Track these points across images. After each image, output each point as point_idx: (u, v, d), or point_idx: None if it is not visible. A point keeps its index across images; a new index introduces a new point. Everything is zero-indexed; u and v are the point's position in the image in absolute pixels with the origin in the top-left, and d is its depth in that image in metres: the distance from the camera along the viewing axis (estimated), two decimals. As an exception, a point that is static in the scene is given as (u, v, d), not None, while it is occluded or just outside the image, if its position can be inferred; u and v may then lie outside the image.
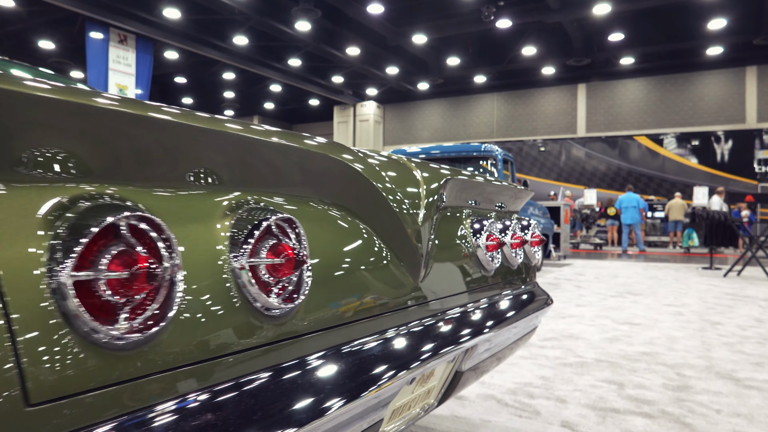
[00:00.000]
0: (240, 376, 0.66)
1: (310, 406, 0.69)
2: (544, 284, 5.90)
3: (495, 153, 6.29)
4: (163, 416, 0.56)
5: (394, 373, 0.85)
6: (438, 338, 1.03)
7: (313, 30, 18.18)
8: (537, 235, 1.70)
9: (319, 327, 0.78)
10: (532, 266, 1.74)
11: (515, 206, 1.73)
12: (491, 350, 1.31)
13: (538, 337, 3.15)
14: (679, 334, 3.32)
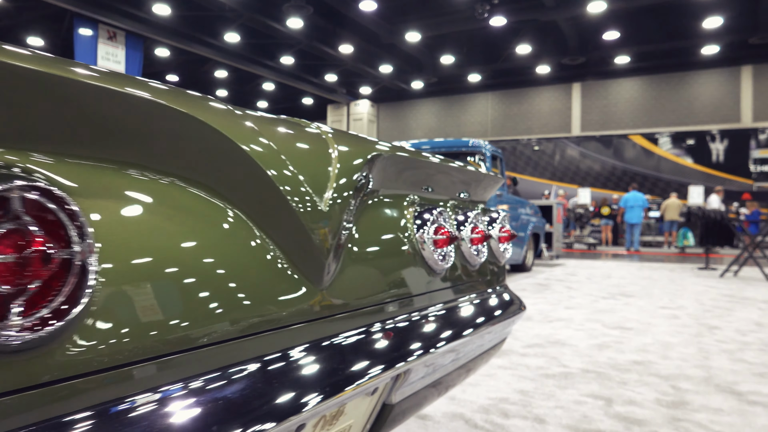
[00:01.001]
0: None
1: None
2: (533, 285, 5.65)
3: (483, 148, 6.04)
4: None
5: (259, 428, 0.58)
6: (346, 364, 0.77)
7: (306, 27, 17.93)
8: (506, 229, 1.44)
9: (117, 362, 0.51)
10: (500, 266, 1.48)
11: (482, 195, 1.47)
12: (436, 374, 1.04)
13: (520, 344, 2.89)
14: (674, 339, 3.07)
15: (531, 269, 7.39)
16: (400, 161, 1.03)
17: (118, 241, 0.54)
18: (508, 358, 2.60)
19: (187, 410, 0.55)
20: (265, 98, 27.85)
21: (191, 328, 0.59)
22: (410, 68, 22.27)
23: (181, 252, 0.60)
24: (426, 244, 1.06)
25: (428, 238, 1.06)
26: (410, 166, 1.08)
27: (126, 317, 0.52)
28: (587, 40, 18.52)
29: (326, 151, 0.84)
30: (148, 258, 0.56)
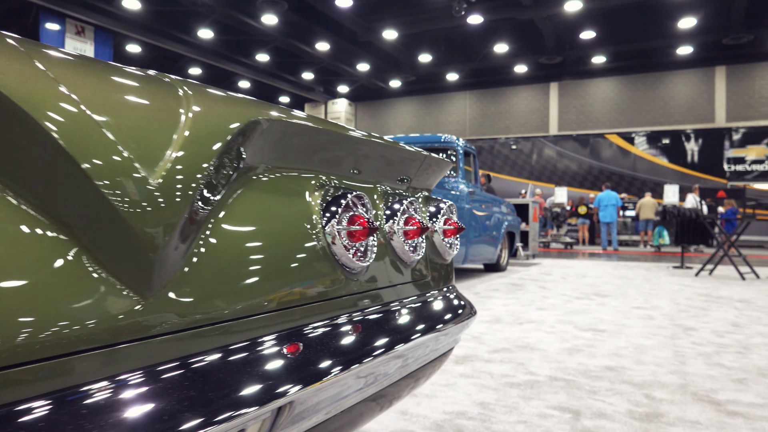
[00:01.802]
0: None
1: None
2: (507, 285, 5.48)
3: (455, 144, 5.85)
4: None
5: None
6: (186, 402, 0.54)
7: (281, 24, 17.64)
8: (453, 222, 1.23)
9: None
10: (445, 265, 1.26)
11: (425, 181, 1.25)
12: (344, 403, 0.82)
13: (486, 349, 2.69)
14: (648, 342, 2.90)
15: (506, 269, 7.24)
16: (299, 132, 0.81)
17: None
18: (471, 365, 2.39)
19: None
20: (241, 96, 27.39)
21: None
22: (388, 67, 22.10)
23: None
24: (338, 237, 0.84)
25: (340, 230, 0.84)
26: (316, 140, 0.86)
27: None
28: (564, 39, 18.56)
29: (174, 111, 0.61)
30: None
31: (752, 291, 5.30)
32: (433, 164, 1.23)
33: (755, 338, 3.04)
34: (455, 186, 5.67)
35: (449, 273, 1.28)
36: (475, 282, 5.81)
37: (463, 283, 5.70)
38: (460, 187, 5.67)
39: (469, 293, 4.84)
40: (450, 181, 5.71)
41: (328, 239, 0.83)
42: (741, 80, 18.33)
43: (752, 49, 17.52)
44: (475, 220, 5.83)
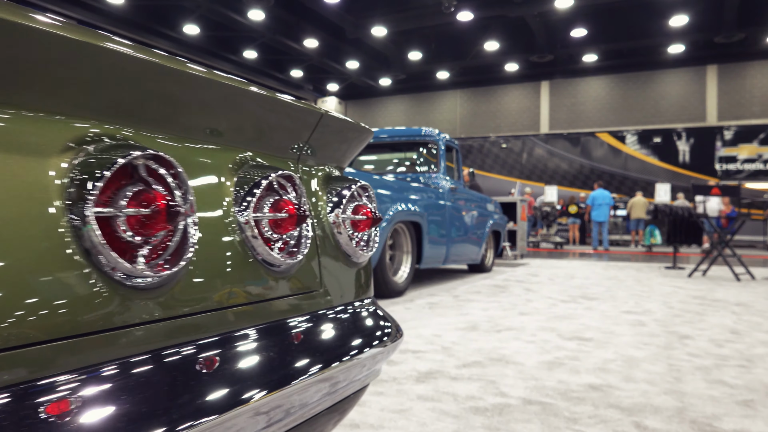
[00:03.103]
0: None
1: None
2: (490, 287, 5.15)
3: (436, 138, 5.51)
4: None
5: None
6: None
7: (268, 20, 17.29)
8: (365, 209, 0.89)
9: None
10: (353, 270, 0.92)
11: (330, 153, 0.91)
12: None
13: (455, 363, 2.35)
14: (639, 353, 2.57)
15: (491, 270, 6.92)
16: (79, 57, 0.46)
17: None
18: (434, 383, 2.05)
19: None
20: (229, 94, 27.03)
21: None
22: (378, 64, 21.78)
23: None
24: (115, 227, 0.50)
25: (110, 215, 0.50)
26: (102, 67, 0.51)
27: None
28: (555, 37, 18.30)
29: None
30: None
31: (749, 293, 5.01)
32: (336, 128, 0.88)
33: (758, 348, 2.73)
34: (436, 182, 5.34)
35: (363, 282, 0.93)
36: (457, 284, 5.48)
37: (442, 285, 5.37)
38: (441, 183, 5.34)
39: (447, 296, 4.50)
40: (430, 176, 5.38)
41: (86, 233, 0.49)
42: (732, 79, 18.16)
43: (744, 48, 17.35)
44: (457, 218, 5.50)
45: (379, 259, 4.08)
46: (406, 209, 4.35)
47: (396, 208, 4.20)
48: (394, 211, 4.17)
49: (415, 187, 4.69)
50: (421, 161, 5.71)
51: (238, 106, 0.71)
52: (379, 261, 4.09)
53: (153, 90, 0.58)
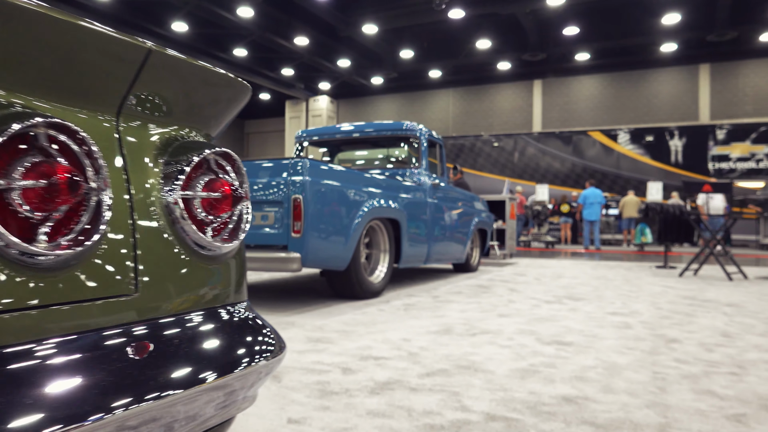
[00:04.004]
0: None
1: None
2: (472, 287, 4.93)
3: (417, 132, 5.29)
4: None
5: None
6: None
7: (258, 17, 17.06)
8: (225, 186, 0.66)
9: None
10: (205, 266, 0.69)
11: (188, 115, 0.68)
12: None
13: (418, 371, 2.13)
14: (622, 360, 2.36)
15: (477, 269, 6.71)
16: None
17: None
18: (390, 395, 1.83)
19: None
20: (220, 93, 26.78)
21: None
22: (369, 63, 21.57)
23: None
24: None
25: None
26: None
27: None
28: (547, 35, 18.16)
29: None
30: None
31: (741, 293, 4.82)
32: (181, 75, 0.65)
33: (750, 353, 2.52)
34: (417, 178, 5.12)
35: (226, 282, 0.70)
36: (439, 284, 5.26)
37: (423, 285, 5.15)
38: (423, 180, 5.12)
39: (426, 297, 4.28)
40: (412, 172, 5.16)
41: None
42: (725, 78, 18.06)
43: (736, 47, 17.25)
44: (440, 216, 5.28)
45: (352, 258, 3.86)
46: (382, 205, 4.13)
47: (371, 204, 3.98)
48: (369, 207, 3.95)
49: (393, 182, 4.47)
50: (402, 157, 5.49)
51: (16, 32, 0.49)
52: (353, 260, 3.87)
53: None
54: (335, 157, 6.16)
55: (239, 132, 31.15)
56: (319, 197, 3.44)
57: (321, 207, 3.45)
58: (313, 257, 3.43)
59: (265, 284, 5.14)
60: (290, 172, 3.37)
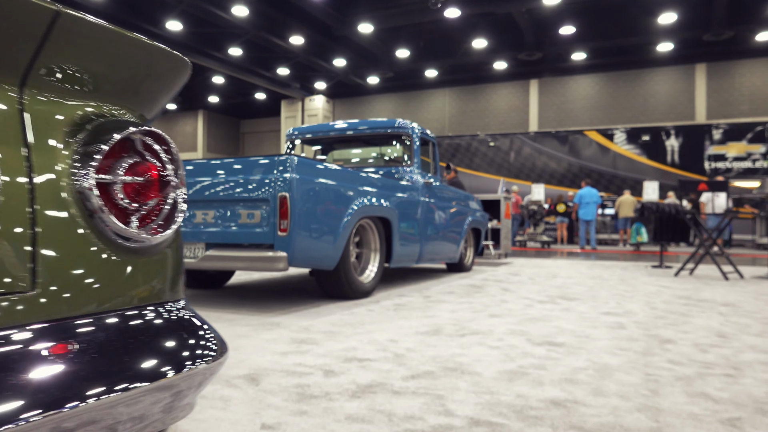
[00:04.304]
0: None
1: None
2: (465, 287, 4.86)
3: (410, 130, 5.22)
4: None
5: None
6: None
7: (252, 16, 16.98)
8: (149, 168, 0.58)
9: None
10: (139, 252, 0.62)
11: (114, 89, 0.61)
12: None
13: (403, 373, 2.06)
14: (614, 361, 2.29)
15: (470, 269, 6.64)
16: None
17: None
18: (371, 399, 1.75)
19: None
20: (215, 92, 26.68)
21: None
22: (365, 62, 21.50)
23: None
24: None
25: None
26: None
27: None
28: (543, 35, 18.12)
29: None
30: None
31: (737, 293, 4.76)
32: (94, 39, 0.57)
33: (746, 353, 2.46)
34: (410, 176, 5.05)
35: (154, 279, 0.63)
36: (431, 283, 5.19)
37: (415, 285, 5.07)
38: (415, 178, 5.04)
39: (418, 297, 4.21)
40: (404, 170, 5.09)
41: None
42: (721, 78, 18.04)
43: (732, 47, 17.23)
44: (433, 215, 5.21)
45: (341, 258, 3.78)
46: (373, 204, 4.06)
47: (361, 202, 3.90)
48: (359, 206, 3.87)
49: (384, 180, 4.39)
50: (394, 155, 5.42)
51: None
52: (342, 259, 3.79)
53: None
54: (327, 155, 6.08)
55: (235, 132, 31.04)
56: (306, 195, 3.36)
57: (308, 205, 3.38)
58: (300, 256, 3.36)
59: (254, 284, 5.06)
60: (277, 169, 3.29)
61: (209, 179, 3.49)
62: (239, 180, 3.39)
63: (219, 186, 3.46)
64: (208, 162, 3.55)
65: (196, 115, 29.59)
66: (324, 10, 16.85)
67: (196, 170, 3.56)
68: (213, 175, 3.49)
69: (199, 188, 3.51)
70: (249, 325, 3.00)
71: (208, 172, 3.51)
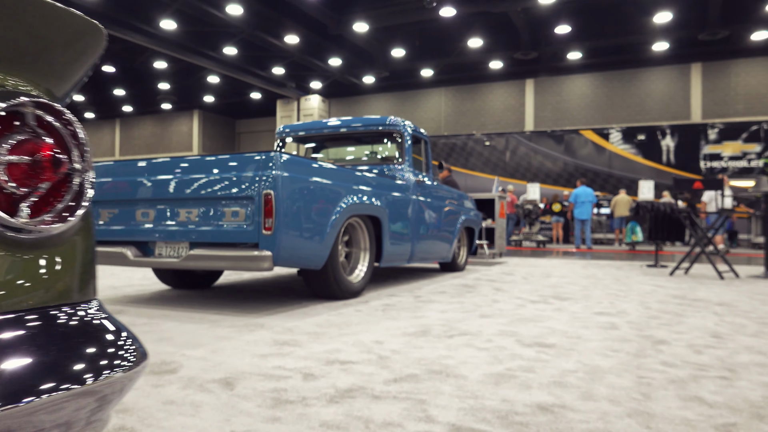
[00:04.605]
0: None
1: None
2: (457, 287, 4.78)
3: (401, 127, 5.14)
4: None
5: None
6: None
7: (247, 15, 16.87)
8: (44, 148, 0.50)
9: None
10: (29, 245, 0.53)
11: (30, 67, 0.52)
12: None
13: (385, 376, 1.97)
14: (606, 363, 2.21)
15: (464, 268, 6.56)
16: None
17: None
18: (349, 404, 1.67)
19: None
20: (211, 92, 26.57)
21: None
22: (361, 62, 21.42)
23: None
24: None
25: None
26: None
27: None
28: (539, 34, 18.07)
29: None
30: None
31: (732, 292, 4.69)
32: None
33: (741, 355, 2.38)
34: (401, 174, 4.96)
35: (55, 272, 0.54)
36: (423, 283, 5.11)
37: (406, 284, 4.99)
38: (406, 176, 4.96)
39: (408, 297, 4.13)
40: (395, 168, 5.01)
41: None
42: (717, 77, 18.03)
43: (728, 46, 17.22)
44: (425, 213, 5.13)
45: (329, 257, 3.70)
46: (362, 202, 3.97)
47: (350, 201, 3.82)
48: (348, 204, 3.79)
49: (374, 178, 4.31)
50: (385, 152, 5.33)
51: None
52: (330, 258, 3.71)
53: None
54: (319, 153, 6.00)
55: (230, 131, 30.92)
56: (292, 192, 3.27)
57: (294, 203, 3.29)
58: (286, 256, 3.27)
59: (243, 284, 4.97)
60: (262, 166, 3.21)
61: (193, 176, 3.41)
62: (224, 177, 3.30)
63: (203, 183, 3.37)
64: (192, 159, 3.46)
65: (192, 115, 29.46)
66: (319, 9, 16.76)
67: (180, 167, 3.47)
68: (197, 172, 3.40)
69: (184, 186, 3.42)
70: (232, 326, 2.91)
71: (193, 169, 3.42)
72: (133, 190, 3.61)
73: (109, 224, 3.75)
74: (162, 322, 3.02)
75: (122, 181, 3.66)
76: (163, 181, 3.50)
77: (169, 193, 3.48)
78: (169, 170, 3.51)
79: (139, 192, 3.59)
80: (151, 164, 3.59)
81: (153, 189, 3.53)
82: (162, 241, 3.55)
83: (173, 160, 3.53)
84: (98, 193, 3.78)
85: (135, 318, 3.12)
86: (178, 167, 3.48)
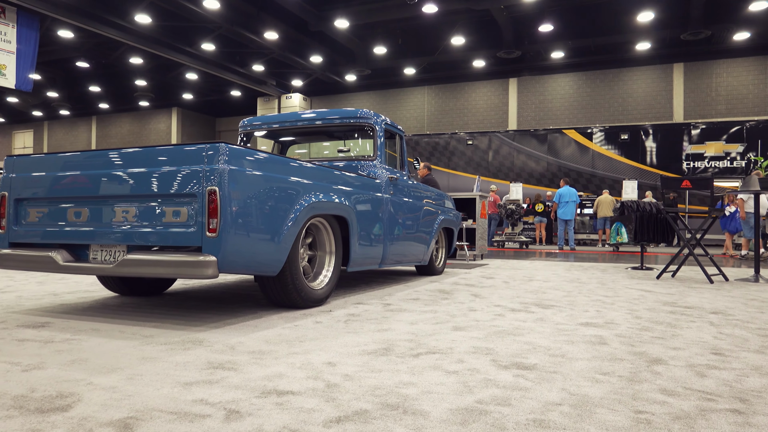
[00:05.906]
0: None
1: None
2: (432, 292, 4.42)
3: (373, 121, 4.77)
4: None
5: None
6: None
7: (224, 9, 16.37)
8: None
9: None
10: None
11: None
12: None
13: (329, 413, 1.60)
14: (595, 391, 1.86)
15: (442, 272, 6.21)
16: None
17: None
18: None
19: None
20: (189, 89, 25.93)
21: None
22: (342, 59, 21.02)
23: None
24: None
25: None
26: None
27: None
28: (522, 33, 17.86)
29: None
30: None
31: (725, 298, 4.41)
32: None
33: (751, 378, 2.05)
34: (372, 171, 4.60)
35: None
36: (396, 288, 4.74)
37: (378, 290, 4.62)
38: (378, 172, 4.60)
39: (377, 304, 3.76)
40: (367, 164, 4.64)
41: None
42: (699, 77, 17.99)
43: (710, 46, 17.18)
44: (398, 213, 4.77)
45: (287, 261, 3.31)
46: (326, 200, 3.59)
47: (311, 199, 3.44)
48: (309, 202, 3.41)
49: (340, 175, 3.93)
50: (356, 148, 4.96)
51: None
52: (288, 263, 3.32)
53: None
54: (287, 149, 5.61)
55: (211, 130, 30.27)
56: (241, 189, 2.88)
57: (243, 201, 2.90)
58: (234, 260, 2.88)
59: (197, 291, 4.56)
60: (205, 159, 2.81)
61: (131, 170, 3.00)
62: (164, 172, 2.90)
63: (142, 179, 2.96)
64: (130, 151, 3.05)
65: (170, 113, 28.75)
66: (298, 3, 16.33)
67: (117, 160, 3.06)
68: (135, 165, 3.00)
69: (121, 181, 3.01)
70: (166, 343, 2.51)
71: (130, 163, 3.02)
72: (64, 186, 3.19)
73: (38, 225, 3.32)
74: (87, 338, 2.61)
75: (52, 176, 3.24)
76: (98, 176, 3.08)
77: (104, 189, 3.06)
78: (105, 164, 3.09)
79: (72, 189, 3.17)
80: (84, 157, 3.17)
81: (86, 185, 3.12)
82: (97, 244, 3.14)
83: (109, 152, 3.11)
84: (25, 190, 3.35)
85: (57, 333, 2.71)
86: (115, 160, 3.07)
